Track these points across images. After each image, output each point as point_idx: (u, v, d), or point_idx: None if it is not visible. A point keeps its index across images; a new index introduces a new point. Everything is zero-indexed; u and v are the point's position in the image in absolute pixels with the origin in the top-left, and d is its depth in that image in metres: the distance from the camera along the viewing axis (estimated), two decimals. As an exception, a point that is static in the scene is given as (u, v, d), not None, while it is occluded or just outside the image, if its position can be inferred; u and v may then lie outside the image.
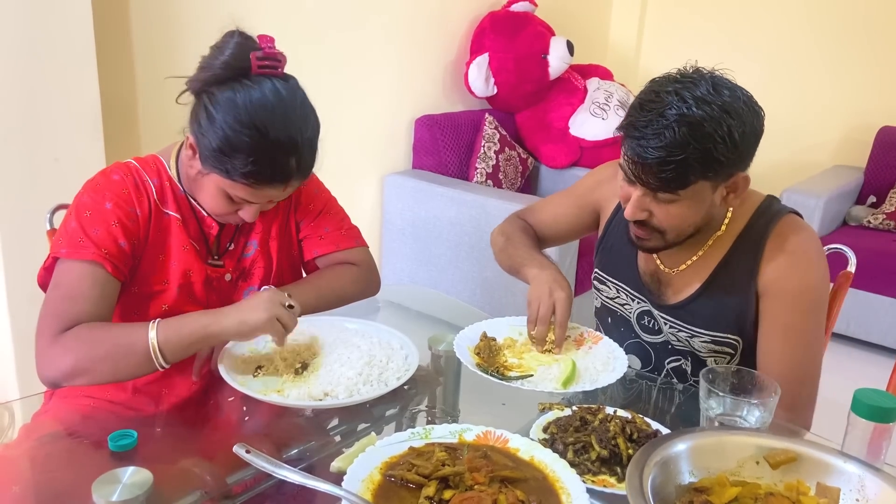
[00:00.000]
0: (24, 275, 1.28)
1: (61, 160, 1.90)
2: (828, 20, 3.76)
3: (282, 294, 1.17)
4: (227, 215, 1.25)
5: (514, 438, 1.00)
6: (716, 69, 1.19)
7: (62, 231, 1.22)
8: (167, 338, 1.12)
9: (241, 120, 1.12)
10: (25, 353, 1.94)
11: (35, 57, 1.83)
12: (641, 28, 4.32)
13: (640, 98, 1.19)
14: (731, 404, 1.00)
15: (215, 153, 1.14)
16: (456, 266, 2.92)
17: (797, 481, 0.88)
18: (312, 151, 1.21)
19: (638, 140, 1.15)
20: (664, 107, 1.13)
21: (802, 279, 1.25)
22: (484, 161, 3.17)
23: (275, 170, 1.15)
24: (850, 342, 3.22)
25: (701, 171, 1.15)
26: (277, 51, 1.17)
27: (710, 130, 1.12)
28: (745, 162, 1.20)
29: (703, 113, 1.12)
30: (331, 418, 1.16)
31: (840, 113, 3.82)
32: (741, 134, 1.14)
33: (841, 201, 3.47)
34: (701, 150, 1.12)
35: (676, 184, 1.16)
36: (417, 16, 3.12)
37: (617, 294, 1.46)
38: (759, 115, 1.19)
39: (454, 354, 1.24)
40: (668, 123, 1.12)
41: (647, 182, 1.18)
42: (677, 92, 1.14)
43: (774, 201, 1.32)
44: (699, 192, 1.18)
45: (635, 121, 1.16)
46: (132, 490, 0.86)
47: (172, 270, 1.27)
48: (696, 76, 1.17)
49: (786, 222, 1.28)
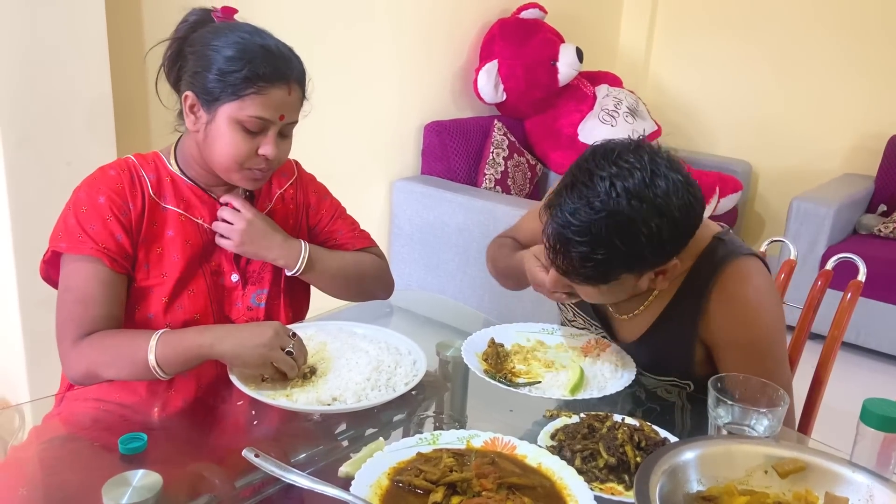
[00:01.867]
0: (36, 278, 1.29)
1: (74, 164, 1.92)
2: (839, 28, 3.75)
3: (285, 337, 1.15)
4: (247, 159, 1.22)
5: (521, 445, 1.00)
6: (660, 146, 1.12)
7: (61, 225, 1.23)
8: (165, 354, 1.14)
9: (227, 37, 1.19)
10: (37, 356, 1.96)
11: (48, 63, 1.84)
12: (651, 35, 4.32)
13: (573, 175, 1.11)
14: (739, 413, 1.00)
15: (217, 76, 1.18)
16: (464, 272, 2.92)
17: (806, 491, 0.88)
18: (300, 59, 1.25)
19: (562, 227, 1.09)
20: (594, 196, 1.07)
21: (752, 330, 1.21)
22: (493, 167, 3.18)
23: (274, 65, 1.19)
24: (859, 351, 3.20)
25: (624, 268, 1.12)
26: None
27: (636, 231, 1.06)
28: (673, 254, 1.14)
29: (632, 210, 1.05)
30: (339, 423, 1.17)
31: (851, 121, 3.80)
32: (669, 233, 1.08)
33: (851, 210, 3.45)
34: (625, 251, 1.07)
35: (596, 280, 1.13)
36: (427, 22, 3.13)
37: (574, 318, 1.45)
38: (696, 205, 1.11)
39: (462, 360, 1.24)
40: (595, 218, 1.06)
41: (565, 271, 1.14)
42: (611, 179, 1.06)
43: (721, 244, 1.24)
44: (621, 282, 1.15)
45: (563, 203, 1.10)
46: (142, 493, 0.86)
47: (171, 264, 1.27)
48: (634, 161, 1.08)
49: (731, 270, 1.21)
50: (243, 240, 1.28)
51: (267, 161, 1.23)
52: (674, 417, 1.31)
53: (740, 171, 3.87)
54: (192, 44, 1.23)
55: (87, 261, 1.20)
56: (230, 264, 1.33)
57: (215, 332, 1.16)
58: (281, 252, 1.32)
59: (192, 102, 1.22)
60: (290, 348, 1.14)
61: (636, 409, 1.28)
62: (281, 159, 1.26)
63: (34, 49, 1.81)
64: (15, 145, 1.83)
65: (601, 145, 1.14)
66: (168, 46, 1.27)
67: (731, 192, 3.58)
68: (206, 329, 1.18)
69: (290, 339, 1.15)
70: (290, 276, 1.35)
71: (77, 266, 1.20)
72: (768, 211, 4.13)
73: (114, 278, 1.21)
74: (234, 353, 1.13)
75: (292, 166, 1.44)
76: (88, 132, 1.95)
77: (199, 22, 1.25)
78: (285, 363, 1.13)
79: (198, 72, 1.20)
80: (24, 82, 1.81)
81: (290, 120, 1.24)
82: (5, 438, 1.15)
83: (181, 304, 1.27)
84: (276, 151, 1.22)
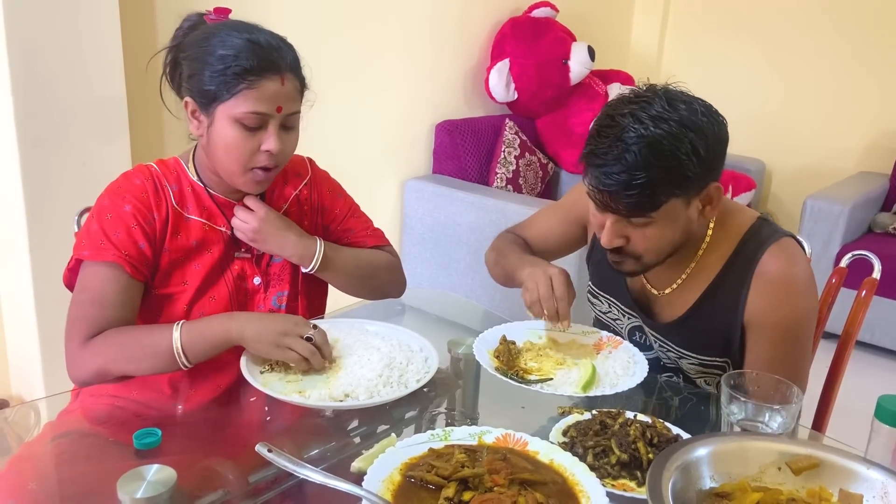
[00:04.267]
0: (51, 276, 1.31)
1: (88, 164, 1.94)
2: (853, 25, 3.72)
3: (305, 326, 1.18)
4: (251, 157, 1.21)
5: (533, 441, 1.00)
6: (669, 83, 1.17)
7: (84, 233, 1.24)
8: (191, 340, 1.16)
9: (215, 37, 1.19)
10: (52, 354, 1.98)
11: (63, 64, 1.86)
12: (663, 33, 4.30)
13: (597, 124, 1.16)
14: (753, 409, 0.99)
15: (209, 77, 1.18)
16: (476, 271, 2.92)
17: (819, 487, 0.87)
18: (292, 48, 1.24)
19: (600, 168, 1.13)
20: (621, 130, 1.11)
21: (789, 312, 1.22)
22: (504, 166, 3.17)
23: (262, 57, 1.18)
24: (874, 350, 3.17)
25: (669, 190, 1.13)
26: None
27: (671, 147, 1.10)
28: (714, 173, 1.17)
29: (662, 131, 1.10)
30: (351, 419, 1.17)
31: (866, 119, 3.77)
32: (704, 146, 1.12)
33: (866, 208, 3.42)
34: (665, 169, 1.11)
35: (646, 206, 1.14)
36: (438, 21, 3.13)
37: (609, 309, 1.45)
38: (721, 123, 1.16)
39: (474, 357, 1.24)
40: (628, 147, 1.10)
41: (616, 209, 1.16)
42: (633, 113, 1.12)
43: (765, 224, 1.28)
44: (672, 210, 1.16)
45: (595, 148, 1.14)
46: (156, 487, 0.87)
47: (192, 273, 1.28)
48: (649, 94, 1.14)
49: (776, 249, 1.23)
50: (257, 237, 1.29)
51: (272, 156, 1.22)
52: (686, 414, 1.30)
53: (753, 170, 3.84)
54: (184, 49, 1.24)
55: (108, 266, 1.21)
56: (252, 268, 1.34)
57: (240, 318, 1.19)
58: (296, 249, 1.32)
59: (192, 108, 1.23)
60: (309, 334, 1.16)
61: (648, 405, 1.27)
62: (287, 153, 1.26)
63: (49, 50, 1.83)
64: (31, 145, 1.84)
65: (614, 98, 1.18)
66: (166, 55, 1.28)
67: (744, 191, 3.56)
68: (232, 316, 1.21)
69: (312, 329, 1.18)
70: (306, 273, 1.36)
71: (96, 270, 1.21)
72: (782, 209, 4.10)
73: (131, 284, 1.23)
74: (256, 338, 1.16)
75: (306, 165, 1.44)
76: (103, 132, 1.97)
77: (193, 27, 1.26)
78: (305, 349, 1.15)
79: (192, 76, 1.21)
80: (39, 83, 1.83)
81: (290, 111, 1.22)
82: (20, 434, 1.16)
83: (202, 311, 1.28)
84: (279, 145, 1.21)
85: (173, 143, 2.22)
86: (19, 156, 1.83)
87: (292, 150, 1.28)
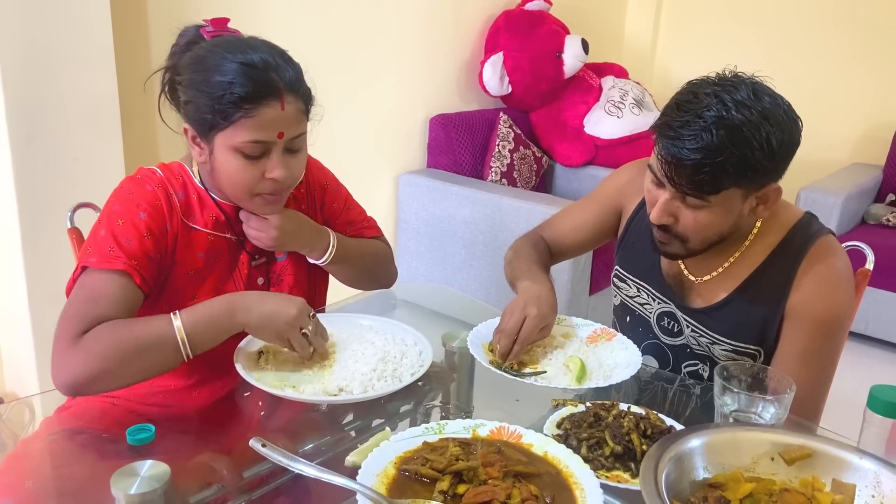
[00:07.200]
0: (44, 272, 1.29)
1: (80, 160, 1.93)
2: (847, 17, 3.72)
3: (305, 317, 1.14)
4: (255, 185, 1.18)
5: (527, 434, 1.00)
6: (756, 76, 1.17)
7: (91, 240, 1.17)
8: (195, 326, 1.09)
9: (207, 60, 1.14)
10: (46, 351, 1.96)
11: (55, 61, 1.85)
12: (657, 26, 4.30)
13: (678, 98, 1.16)
14: (745, 401, 0.99)
15: (204, 106, 1.12)
16: (470, 265, 2.92)
17: (812, 477, 0.88)
18: (291, 63, 1.18)
19: (673, 140, 1.12)
20: (702, 108, 1.11)
21: (829, 307, 1.23)
22: (498, 160, 3.17)
23: (258, 81, 1.11)
24: (867, 341, 3.19)
25: (735, 178, 1.13)
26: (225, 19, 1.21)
27: (749, 135, 1.09)
28: (779, 172, 1.18)
29: (743, 117, 1.09)
30: (345, 414, 1.17)
31: (859, 111, 3.78)
32: (779, 142, 1.12)
33: (860, 199, 3.43)
34: (738, 156, 1.10)
35: (709, 188, 1.13)
36: (432, 15, 3.12)
37: (637, 293, 1.45)
38: (798, 125, 1.16)
39: (468, 351, 1.24)
40: (706, 125, 1.09)
41: (678, 184, 1.15)
42: (717, 94, 1.11)
43: (814, 220, 1.30)
44: (729, 200, 1.16)
45: (671, 120, 1.13)
46: (150, 483, 0.87)
47: (203, 287, 1.25)
48: (736, 80, 1.14)
49: (823, 244, 1.25)
50: (276, 244, 1.27)
51: (277, 183, 1.18)
52: (680, 406, 1.31)
53: (747, 162, 3.84)
54: (180, 72, 1.18)
55: (115, 273, 1.13)
56: (257, 269, 1.33)
57: (243, 302, 1.12)
58: (311, 245, 1.33)
59: (192, 135, 1.18)
60: (306, 330, 1.14)
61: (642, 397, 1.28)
62: (295, 176, 1.21)
63: (41, 47, 1.82)
64: (23, 142, 1.84)
65: (698, 77, 1.18)
66: (163, 75, 1.24)
67: (738, 183, 3.57)
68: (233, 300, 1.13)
69: (310, 319, 1.15)
70: (311, 265, 1.37)
71: (100, 275, 1.13)
72: (776, 201, 4.10)
73: (134, 291, 1.15)
74: (259, 326, 1.13)
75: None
76: (95, 129, 1.96)
77: (189, 44, 1.20)
78: (299, 343, 1.14)
79: (188, 103, 1.16)
80: (31, 80, 1.82)
81: (293, 134, 1.17)
82: (16, 431, 1.16)
83: None
84: (284, 172, 1.17)
85: (165, 139, 2.21)
86: (11, 152, 1.82)
87: (300, 172, 1.23)
